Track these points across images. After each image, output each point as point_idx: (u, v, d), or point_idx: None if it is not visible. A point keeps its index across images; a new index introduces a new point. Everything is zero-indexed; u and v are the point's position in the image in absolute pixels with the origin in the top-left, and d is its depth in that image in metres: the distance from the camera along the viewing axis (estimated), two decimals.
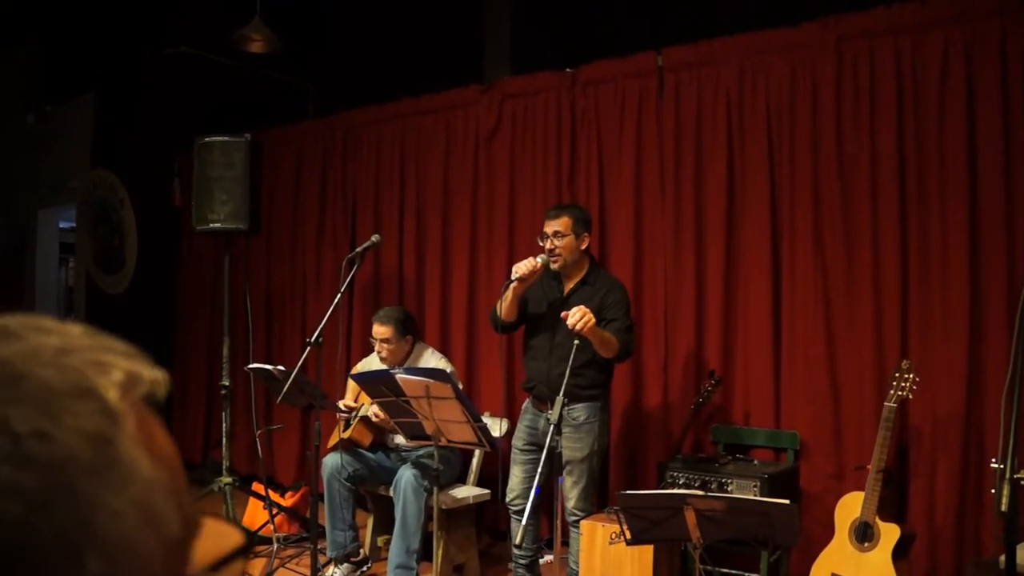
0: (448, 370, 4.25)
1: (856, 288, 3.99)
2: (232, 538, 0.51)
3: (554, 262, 3.81)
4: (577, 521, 3.81)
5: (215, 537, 0.50)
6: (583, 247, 3.86)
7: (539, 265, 3.74)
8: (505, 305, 3.83)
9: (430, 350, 4.61)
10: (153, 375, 0.48)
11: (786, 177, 4.21)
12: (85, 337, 0.46)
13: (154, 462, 0.46)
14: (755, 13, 4.52)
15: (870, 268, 3.95)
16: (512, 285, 3.74)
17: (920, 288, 3.85)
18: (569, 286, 3.88)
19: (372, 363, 4.68)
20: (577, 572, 3.83)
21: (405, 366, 4.40)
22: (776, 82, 4.24)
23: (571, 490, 3.78)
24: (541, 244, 3.86)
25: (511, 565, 4.09)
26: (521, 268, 3.72)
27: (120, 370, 0.46)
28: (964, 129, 3.76)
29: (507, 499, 3.95)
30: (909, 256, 3.88)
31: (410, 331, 4.52)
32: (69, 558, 0.41)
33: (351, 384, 4.60)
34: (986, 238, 3.71)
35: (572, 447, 3.73)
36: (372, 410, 4.21)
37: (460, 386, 4.36)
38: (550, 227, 3.84)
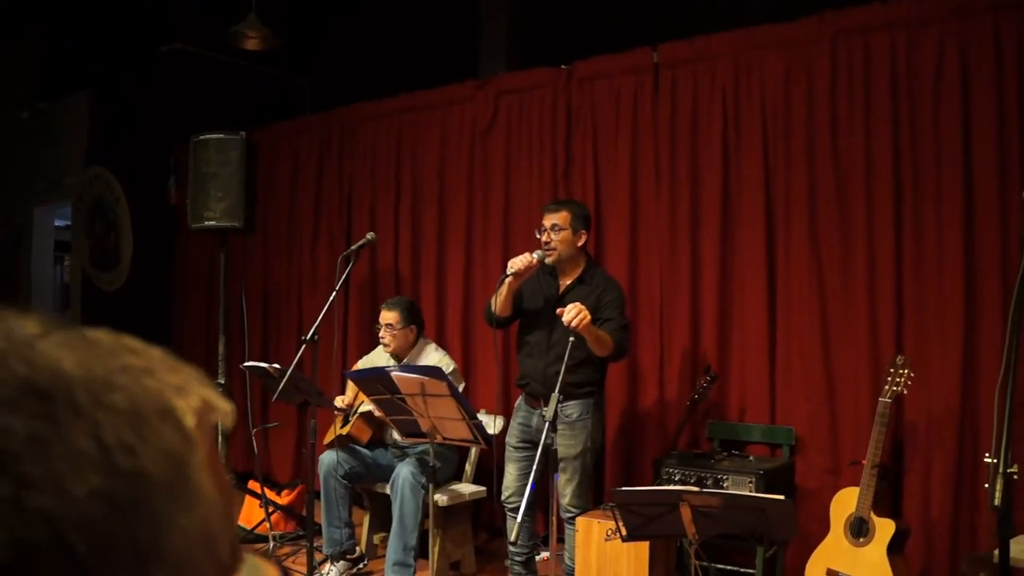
0: (450, 368, 4.24)
1: (851, 284, 3.99)
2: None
3: (549, 255, 3.79)
4: (572, 518, 3.81)
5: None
6: (580, 243, 3.84)
7: (535, 261, 3.72)
8: (499, 300, 3.81)
9: (433, 346, 4.61)
10: (223, 406, 0.51)
11: (781, 172, 4.21)
12: (166, 361, 0.49)
13: (217, 488, 0.48)
14: (750, 9, 4.52)
15: (865, 264, 3.95)
16: (507, 280, 3.73)
17: (915, 284, 3.85)
18: (565, 284, 3.86)
19: (372, 360, 4.68)
20: (573, 568, 3.83)
21: (405, 363, 4.41)
22: (771, 78, 4.24)
23: (565, 487, 3.78)
24: (538, 236, 3.84)
25: (507, 562, 4.09)
26: (517, 263, 3.70)
27: (197, 396, 0.48)
28: (959, 124, 3.76)
29: (502, 497, 3.95)
30: (904, 252, 3.89)
31: (415, 321, 4.53)
32: (138, 569, 0.43)
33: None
34: (981, 233, 3.71)
35: (566, 444, 3.74)
36: (373, 405, 4.22)
37: (463, 385, 4.37)
38: (548, 220, 3.82)
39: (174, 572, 0.44)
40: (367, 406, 4.32)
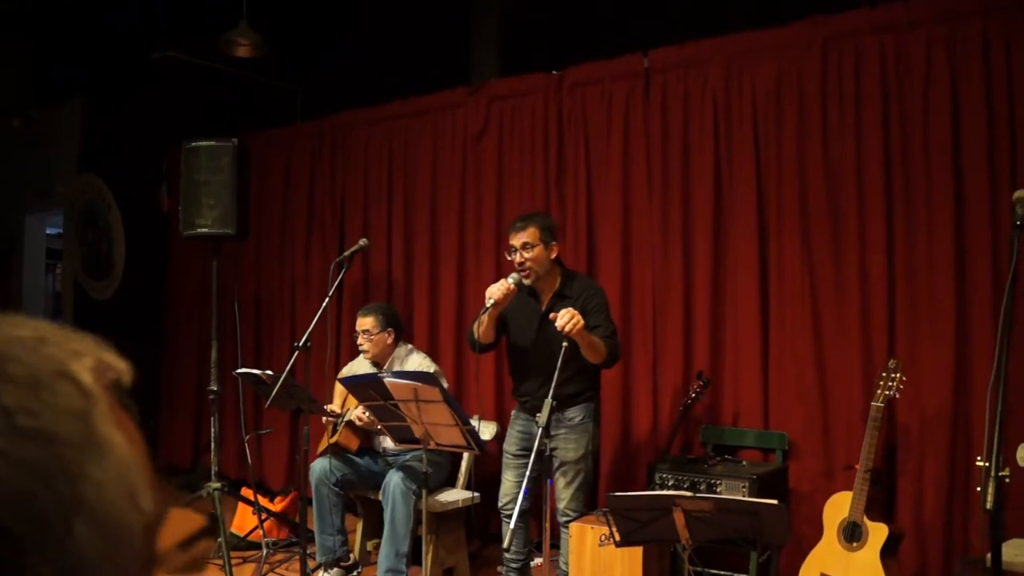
0: (432, 370, 4.25)
1: (843, 288, 4.00)
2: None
3: (526, 277, 3.68)
4: (568, 522, 3.80)
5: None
6: (553, 256, 3.75)
7: (512, 286, 3.62)
8: (482, 329, 3.73)
9: (415, 351, 4.61)
10: (120, 364, 0.54)
11: (773, 177, 4.22)
12: (57, 331, 0.52)
13: (126, 440, 0.50)
14: (741, 14, 4.54)
15: (857, 268, 3.96)
16: (489, 310, 3.62)
17: (907, 288, 3.86)
18: (545, 300, 3.78)
19: (353, 369, 4.67)
20: (567, 573, 3.82)
21: (388, 368, 4.40)
22: (762, 82, 4.25)
23: (564, 490, 3.77)
24: (509, 258, 3.75)
25: (501, 568, 4.08)
26: (495, 293, 3.58)
27: (92, 357, 0.51)
28: (949, 127, 3.77)
29: (500, 504, 3.94)
30: (895, 256, 3.90)
31: (392, 325, 4.52)
32: (61, 525, 0.45)
33: (338, 388, 4.59)
34: (971, 237, 3.72)
35: (567, 447, 3.73)
36: (355, 413, 4.22)
37: (446, 385, 4.37)
38: (517, 240, 3.70)
39: (99, 524, 0.46)
40: (351, 413, 4.32)
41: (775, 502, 2.83)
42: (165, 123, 6.92)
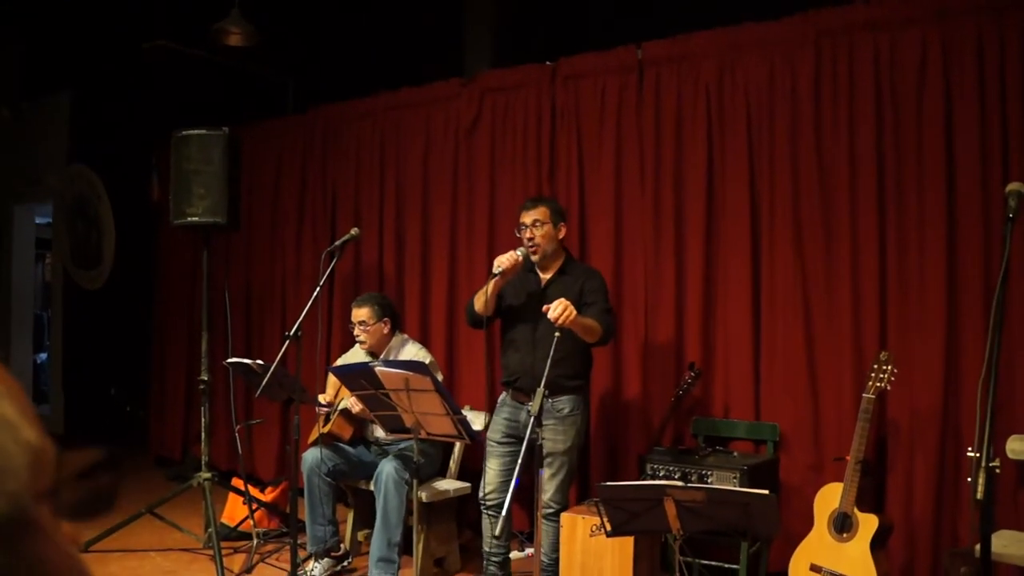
0: (426, 361, 4.24)
1: (835, 281, 4.00)
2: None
3: (533, 252, 3.82)
4: (553, 513, 3.79)
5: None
6: (560, 236, 3.88)
7: (520, 258, 3.74)
8: (485, 299, 3.80)
9: (410, 341, 4.61)
10: None
11: (765, 171, 4.22)
12: None
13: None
14: (735, 7, 4.53)
15: (849, 261, 3.97)
16: (495, 279, 3.71)
17: (898, 280, 3.87)
18: (547, 277, 3.89)
19: (352, 357, 4.66)
20: (548, 564, 3.81)
21: (383, 358, 4.39)
22: (756, 76, 4.25)
23: (548, 482, 3.76)
24: (519, 235, 3.86)
25: (484, 562, 4.06)
26: (504, 261, 3.69)
27: None
28: (942, 124, 3.78)
29: (482, 494, 3.92)
30: (887, 249, 3.90)
31: (388, 315, 4.52)
32: None
33: (332, 378, 4.58)
34: (963, 232, 3.73)
35: (554, 439, 3.73)
36: (351, 401, 4.20)
37: (440, 377, 4.36)
38: (528, 217, 3.84)
39: None
40: (346, 403, 4.31)
41: (766, 492, 2.84)
42: (155, 114, 6.89)
